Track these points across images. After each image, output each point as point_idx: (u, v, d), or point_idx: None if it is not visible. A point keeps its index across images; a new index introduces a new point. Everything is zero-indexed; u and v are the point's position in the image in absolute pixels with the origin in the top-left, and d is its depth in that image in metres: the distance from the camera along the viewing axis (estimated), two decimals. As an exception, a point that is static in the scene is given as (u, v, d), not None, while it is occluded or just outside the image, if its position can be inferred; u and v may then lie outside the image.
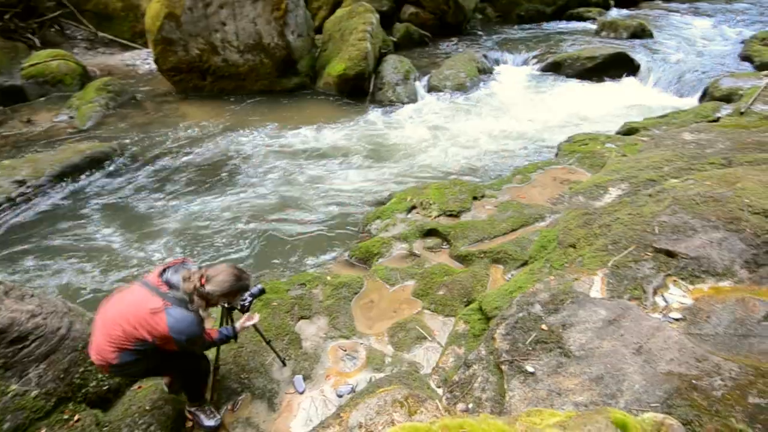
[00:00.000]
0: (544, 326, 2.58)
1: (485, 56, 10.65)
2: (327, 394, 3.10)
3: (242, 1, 8.42)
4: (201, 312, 2.33)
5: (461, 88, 9.14)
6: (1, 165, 6.15)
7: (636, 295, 3.05)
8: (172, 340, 2.29)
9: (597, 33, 12.44)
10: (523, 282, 3.43)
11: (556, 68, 10.05)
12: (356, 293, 3.93)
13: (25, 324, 2.71)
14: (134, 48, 11.65)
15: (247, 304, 2.76)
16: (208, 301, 2.32)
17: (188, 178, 6.47)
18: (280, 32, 8.67)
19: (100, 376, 2.92)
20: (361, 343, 3.47)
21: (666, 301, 2.92)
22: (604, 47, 10.42)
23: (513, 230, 4.41)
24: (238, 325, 2.73)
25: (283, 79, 9.21)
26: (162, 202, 5.91)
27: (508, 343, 2.55)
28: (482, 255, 4.13)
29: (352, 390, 3.08)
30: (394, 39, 11.29)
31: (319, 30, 10.43)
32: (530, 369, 2.39)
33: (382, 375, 3.14)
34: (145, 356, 2.39)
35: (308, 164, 6.78)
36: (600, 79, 9.50)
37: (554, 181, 5.30)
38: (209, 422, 2.85)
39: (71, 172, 6.26)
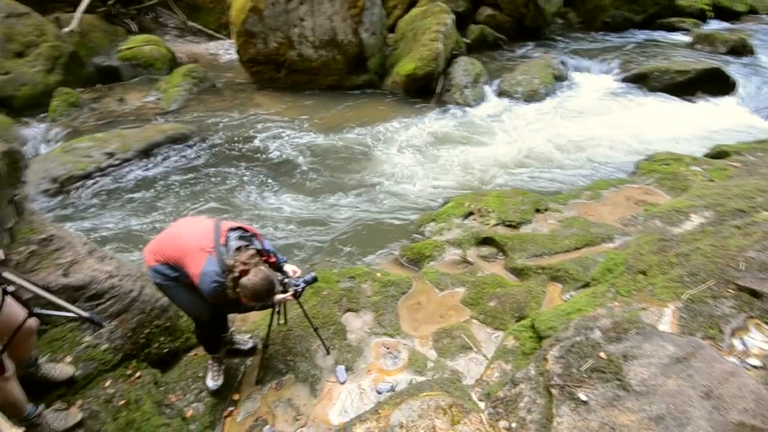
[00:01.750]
0: (602, 354, 2.42)
1: (563, 63, 10.18)
2: (366, 388, 3.12)
3: (322, -2, 8.68)
4: (228, 291, 2.37)
5: (534, 94, 8.80)
6: (95, 137, 6.80)
7: (710, 335, 2.79)
8: (197, 285, 2.41)
9: (690, 46, 11.53)
10: (583, 304, 3.23)
11: (641, 80, 9.38)
12: (404, 293, 3.92)
13: (103, 283, 2.97)
14: (218, 38, 12.40)
15: (300, 290, 2.84)
16: (234, 289, 2.37)
17: (256, 163, 6.78)
18: (354, 30, 8.83)
19: (162, 338, 3.15)
20: (405, 344, 3.45)
21: (745, 345, 2.64)
22: (697, 61, 9.61)
23: (576, 248, 4.19)
24: (277, 297, 2.76)
25: (352, 75, 9.38)
26: (231, 181, 6.25)
27: (561, 367, 2.42)
28: (540, 270, 3.96)
29: (392, 389, 3.08)
30: (468, 41, 11.10)
31: (392, 29, 10.50)
32: (583, 397, 2.25)
33: (423, 379, 3.11)
34: (177, 280, 2.55)
35: (369, 160, 6.85)
36: (690, 96, 8.74)
37: (628, 200, 4.96)
38: (210, 383, 2.98)
39: (154, 149, 6.78)
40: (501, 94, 9.00)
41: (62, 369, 2.65)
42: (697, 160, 5.77)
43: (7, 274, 1.86)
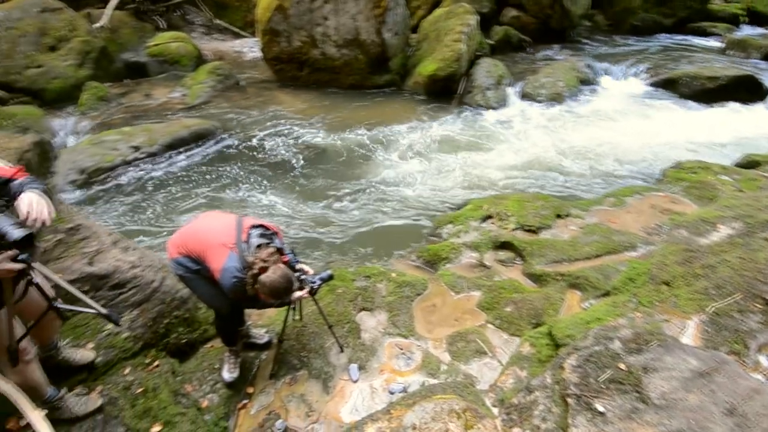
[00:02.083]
0: (622, 365, 2.36)
1: (589, 66, 10.00)
2: (378, 388, 3.12)
3: (346, -2, 8.72)
4: (247, 287, 2.41)
5: (557, 98, 8.66)
6: (122, 131, 6.97)
7: (735, 350, 2.71)
8: (218, 279, 2.46)
9: (722, 51, 11.19)
10: (602, 313, 3.17)
11: (669, 86, 9.15)
12: (419, 294, 3.90)
13: (126, 273, 3.04)
14: (244, 36, 12.58)
15: (316, 287, 2.86)
16: (253, 285, 2.41)
17: (276, 160, 6.85)
18: (377, 30, 8.85)
19: (180, 329, 3.21)
20: (418, 345, 3.44)
21: (772, 363, 2.56)
22: (729, 67, 9.33)
23: (597, 256, 4.09)
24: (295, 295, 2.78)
25: (374, 75, 9.39)
26: (251, 178, 6.33)
27: (578, 376, 2.37)
28: (559, 277, 3.88)
29: (404, 390, 3.07)
30: (492, 42, 11.00)
31: (415, 29, 10.49)
32: (600, 408, 2.20)
33: (435, 381, 3.09)
34: (198, 273, 2.60)
35: (388, 161, 6.85)
36: (721, 103, 8.48)
37: (652, 208, 4.83)
38: (226, 375, 3.02)
39: (179, 144, 6.91)
40: (524, 96, 8.89)
41: (83, 353, 2.72)
42: (727, 169, 5.59)
43: (36, 265, 1.91)
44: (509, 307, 3.68)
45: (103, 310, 2.23)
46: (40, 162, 3.13)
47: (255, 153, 7.03)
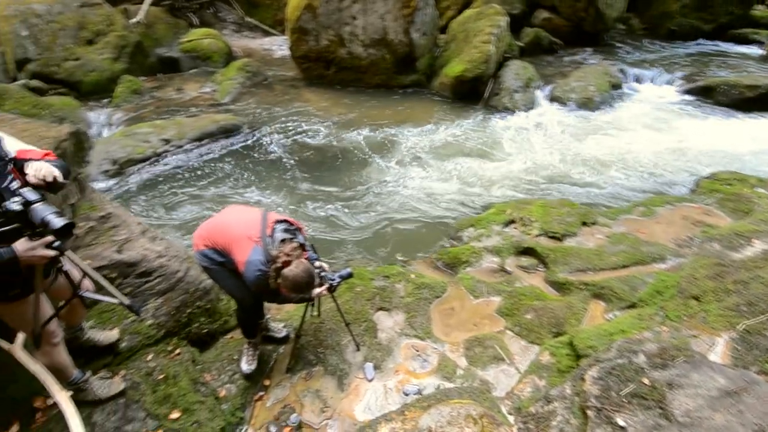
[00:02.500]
0: (645, 380, 2.29)
1: (622, 71, 9.75)
2: (392, 388, 3.11)
3: (376, -3, 8.74)
4: (270, 280, 2.45)
5: (588, 102, 8.46)
6: (153, 124, 7.17)
7: (766, 370, 2.59)
8: (242, 272, 2.50)
9: (764, 59, 10.72)
10: (627, 326, 3.08)
11: (706, 93, 8.83)
12: (438, 297, 3.88)
13: (152, 262, 3.12)
14: (273, 34, 12.76)
15: (335, 284, 2.87)
16: (276, 279, 2.44)
17: (300, 158, 6.92)
18: (405, 30, 8.83)
19: (202, 319, 3.27)
20: (435, 348, 3.42)
21: (807, 386, 2.43)
22: (771, 76, 8.92)
23: (624, 266, 3.98)
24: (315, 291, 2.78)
25: (400, 75, 9.38)
26: (274, 174, 6.42)
27: (599, 389, 2.31)
28: (582, 286, 3.79)
29: (419, 392, 3.06)
30: (521, 44, 10.83)
31: (444, 29, 10.42)
32: (621, 423, 2.14)
33: (451, 385, 3.07)
34: (223, 265, 2.65)
35: (411, 162, 6.83)
36: (760, 113, 8.14)
37: (684, 220, 4.67)
38: (244, 366, 3.07)
39: (207, 138, 7.07)
40: (553, 100, 8.73)
41: (106, 334, 2.81)
42: (764, 182, 5.36)
43: (69, 253, 1.98)
44: (529, 315, 3.61)
45: (126, 300, 2.29)
46: (75, 151, 3.24)
47: (278, 149, 7.12)
